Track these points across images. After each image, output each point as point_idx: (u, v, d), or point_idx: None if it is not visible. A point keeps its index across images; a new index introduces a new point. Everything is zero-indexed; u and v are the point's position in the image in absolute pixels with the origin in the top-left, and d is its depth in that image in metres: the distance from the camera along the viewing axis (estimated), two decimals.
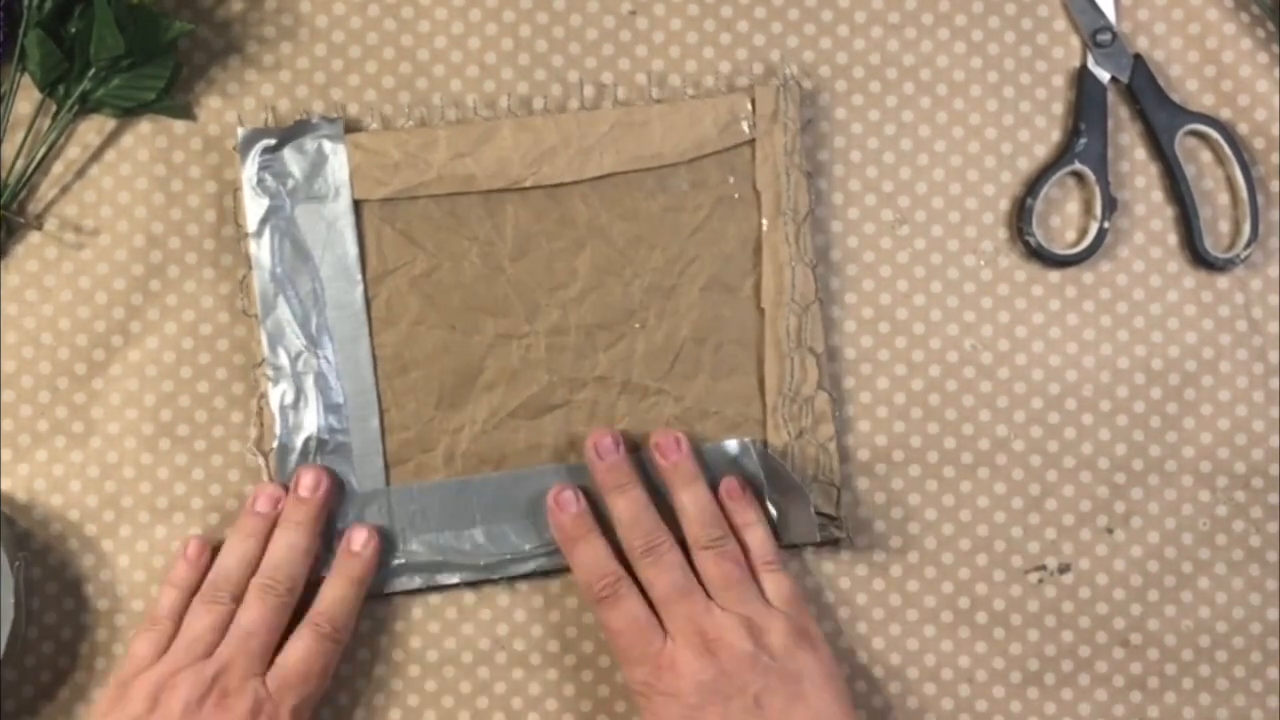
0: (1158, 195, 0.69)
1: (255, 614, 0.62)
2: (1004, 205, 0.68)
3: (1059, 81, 0.69)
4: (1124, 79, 0.68)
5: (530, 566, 0.66)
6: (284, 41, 0.68)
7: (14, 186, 0.66)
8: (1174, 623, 0.67)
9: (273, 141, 0.66)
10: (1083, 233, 0.68)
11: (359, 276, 0.66)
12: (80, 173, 0.67)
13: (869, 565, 0.67)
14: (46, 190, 0.67)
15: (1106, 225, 0.67)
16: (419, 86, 0.68)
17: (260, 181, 0.66)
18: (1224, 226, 0.69)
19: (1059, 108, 0.69)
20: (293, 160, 0.66)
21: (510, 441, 0.66)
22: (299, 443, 0.66)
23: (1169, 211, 0.68)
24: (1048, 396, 0.68)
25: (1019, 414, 0.68)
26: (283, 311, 0.66)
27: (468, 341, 0.66)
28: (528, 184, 0.66)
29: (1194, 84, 0.69)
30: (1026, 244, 0.68)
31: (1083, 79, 0.68)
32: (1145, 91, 0.68)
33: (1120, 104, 0.69)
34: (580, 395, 0.66)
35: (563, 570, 0.66)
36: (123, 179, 0.67)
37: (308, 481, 0.64)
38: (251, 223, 0.66)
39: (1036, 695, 0.67)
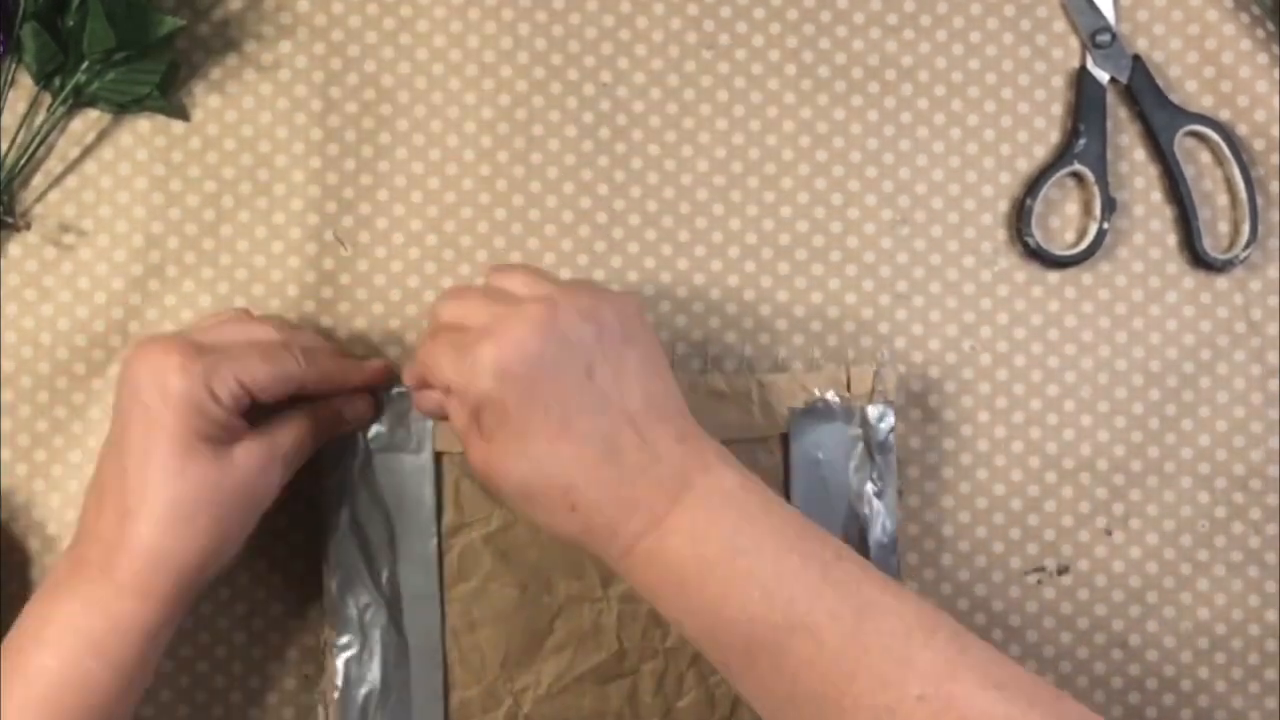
0: (1157, 196, 0.69)
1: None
2: (1003, 206, 0.68)
3: (1058, 82, 0.69)
4: (1123, 80, 0.68)
5: None
6: (283, 40, 0.68)
7: (7, 180, 0.66)
8: (1172, 625, 0.67)
9: None
10: (1082, 234, 0.68)
11: (434, 529, 0.64)
12: (79, 173, 0.67)
13: None
14: (46, 190, 0.67)
15: (1106, 226, 0.67)
16: (418, 85, 0.68)
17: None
18: (1223, 227, 0.69)
19: (1058, 109, 0.69)
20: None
21: (575, 706, 0.64)
22: (360, 695, 0.63)
23: (1168, 212, 0.68)
24: (1046, 398, 0.68)
25: (1017, 415, 0.68)
26: (355, 562, 0.64)
27: (539, 601, 0.64)
28: None
29: (1193, 85, 0.69)
30: (1025, 245, 0.68)
31: (1082, 80, 0.68)
32: (1144, 92, 0.68)
33: (1119, 105, 0.69)
34: (649, 665, 0.64)
35: None
36: (122, 179, 0.67)
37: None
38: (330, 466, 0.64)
39: None
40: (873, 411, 0.65)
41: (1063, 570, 0.68)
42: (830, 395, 0.65)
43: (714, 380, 0.65)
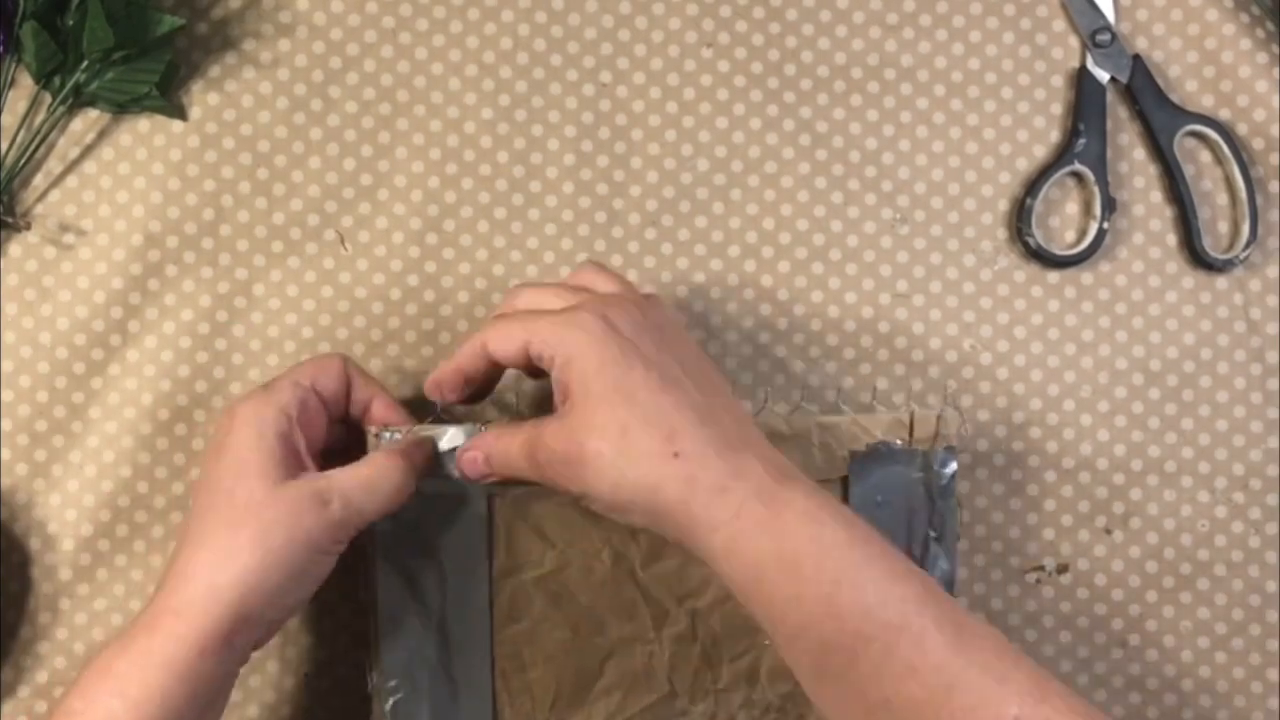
0: (1157, 196, 0.69)
1: None
2: (1003, 206, 0.68)
3: (1058, 82, 0.69)
4: (1123, 79, 0.68)
5: None
6: (282, 39, 0.67)
7: (7, 180, 0.66)
8: (1173, 624, 0.67)
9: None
10: (1082, 233, 0.68)
11: (485, 572, 0.63)
12: (79, 173, 0.67)
13: None
14: (46, 190, 0.67)
15: (1105, 226, 0.68)
16: (417, 85, 0.68)
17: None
18: (1223, 227, 0.69)
19: (1058, 108, 0.69)
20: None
21: None
22: None
23: (1168, 212, 0.69)
24: (1046, 397, 0.68)
25: (1017, 415, 0.68)
26: (404, 604, 0.63)
27: (590, 643, 0.63)
28: None
29: (1193, 84, 0.69)
30: (1026, 244, 0.68)
31: (1082, 79, 0.68)
32: (1144, 92, 0.68)
33: (1119, 104, 0.69)
34: (700, 706, 0.63)
35: None
36: (121, 178, 0.67)
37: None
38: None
39: None
40: (936, 457, 0.64)
41: (1062, 569, 0.68)
42: (892, 439, 0.64)
43: (773, 421, 0.64)
